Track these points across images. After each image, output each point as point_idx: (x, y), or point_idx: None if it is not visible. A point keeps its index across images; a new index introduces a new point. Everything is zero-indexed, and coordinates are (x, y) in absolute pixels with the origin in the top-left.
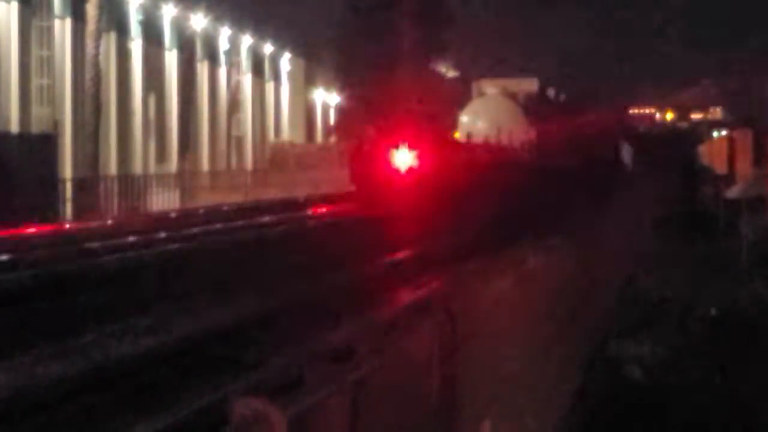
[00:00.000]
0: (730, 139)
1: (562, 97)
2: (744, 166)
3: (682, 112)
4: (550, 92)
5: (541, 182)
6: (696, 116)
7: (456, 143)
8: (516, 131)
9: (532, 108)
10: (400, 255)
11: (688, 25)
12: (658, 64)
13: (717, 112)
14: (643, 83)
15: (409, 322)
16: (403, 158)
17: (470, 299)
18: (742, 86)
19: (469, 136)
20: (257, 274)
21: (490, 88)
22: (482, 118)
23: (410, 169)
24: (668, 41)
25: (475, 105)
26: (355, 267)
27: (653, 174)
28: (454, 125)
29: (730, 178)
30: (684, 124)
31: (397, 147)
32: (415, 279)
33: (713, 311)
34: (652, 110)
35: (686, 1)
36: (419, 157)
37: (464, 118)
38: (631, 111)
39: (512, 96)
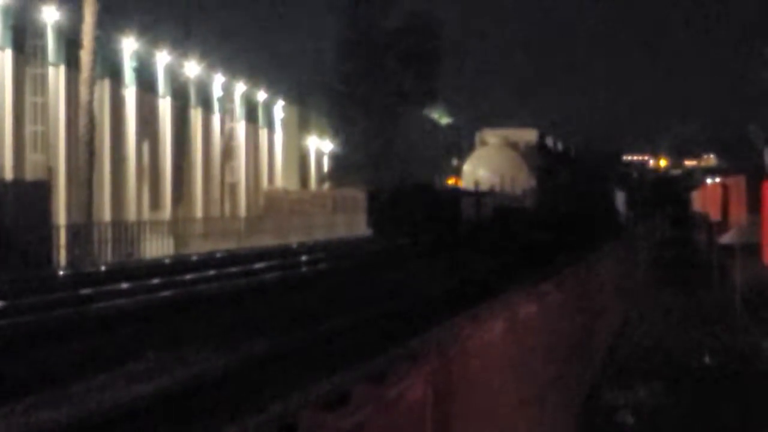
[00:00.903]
0: (723, 186)
1: (560, 146)
2: (737, 212)
3: (676, 159)
4: (549, 141)
5: (541, 228)
6: (690, 163)
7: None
8: (518, 179)
9: (533, 157)
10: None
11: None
12: (652, 111)
13: (710, 159)
14: (637, 131)
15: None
16: None
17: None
18: (735, 134)
19: (475, 183)
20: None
21: (492, 137)
22: (486, 167)
23: None
24: (664, 89)
25: (478, 154)
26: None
27: (646, 220)
28: (448, 171)
29: (723, 225)
30: (677, 171)
31: None
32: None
33: (707, 359)
34: (646, 157)
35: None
36: None
37: (468, 167)
38: (625, 158)
39: (513, 145)
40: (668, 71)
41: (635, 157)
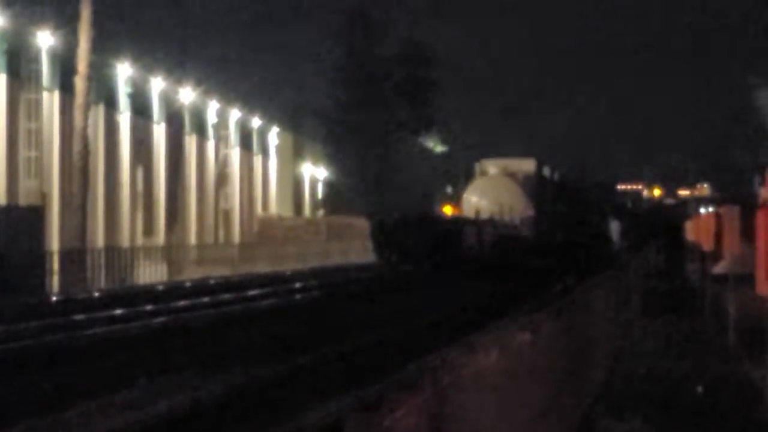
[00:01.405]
0: (717, 216)
1: (557, 175)
2: (731, 242)
3: (670, 189)
4: (546, 171)
5: (539, 256)
6: (683, 192)
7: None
8: (517, 208)
9: (531, 187)
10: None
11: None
12: (647, 141)
13: (704, 189)
14: (631, 160)
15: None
16: None
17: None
18: (729, 164)
19: (476, 212)
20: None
21: (492, 167)
22: (486, 197)
23: None
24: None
25: (478, 183)
26: None
27: (640, 249)
28: (443, 198)
29: (716, 255)
30: (671, 201)
31: None
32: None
33: (699, 389)
34: (640, 187)
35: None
36: None
37: (468, 196)
38: (619, 187)
39: (512, 175)
40: (663, 101)
41: (629, 187)
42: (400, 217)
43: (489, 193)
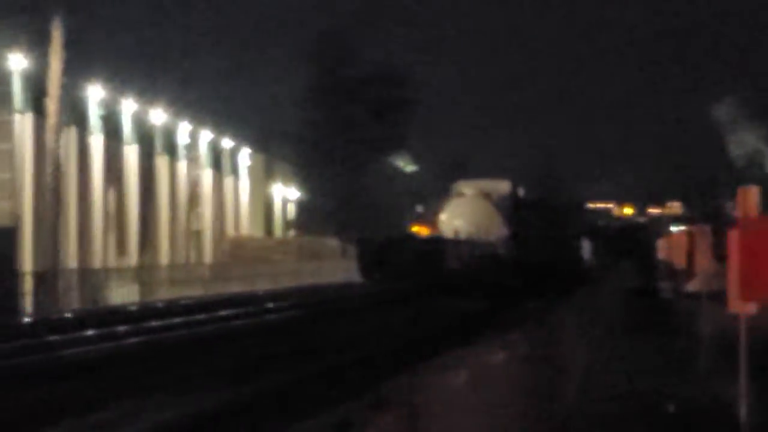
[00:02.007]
0: (688, 234)
1: (530, 195)
2: (703, 261)
3: (641, 207)
4: (521, 191)
5: (514, 275)
6: (655, 211)
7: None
8: (492, 228)
9: (506, 207)
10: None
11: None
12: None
13: (676, 207)
14: (602, 178)
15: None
16: None
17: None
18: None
19: (455, 233)
20: None
21: (468, 189)
22: (462, 217)
23: None
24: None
25: (454, 204)
26: None
27: (612, 269)
28: (413, 218)
29: (688, 273)
30: (642, 219)
31: None
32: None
33: (671, 408)
34: (611, 205)
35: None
36: None
37: (445, 216)
38: (589, 205)
39: (488, 196)
40: (633, 118)
41: (600, 205)
42: (385, 238)
43: (465, 214)
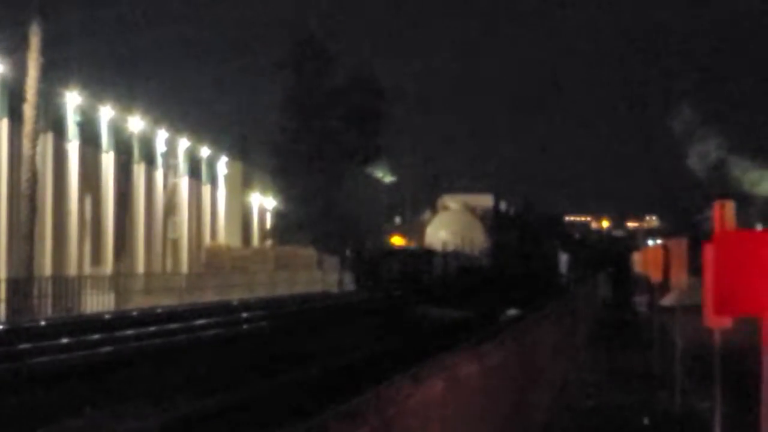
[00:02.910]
0: (665, 248)
1: (512, 209)
2: (679, 274)
3: (618, 220)
4: (502, 206)
5: (495, 285)
6: (632, 224)
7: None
8: (475, 241)
9: (489, 221)
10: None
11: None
12: (595, 172)
13: (653, 221)
14: (579, 191)
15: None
16: None
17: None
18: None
19: (444, 245)
20: None
21: (452, 203)
22: (447, 230)
23: None
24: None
25: (440, 218)
26: None
27: (588, 281)
28: (391, 229)
29: (664, 286)
30: (620, 232)
31: None
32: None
33: (646, 421)
34: (588, 218)
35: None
36: None
37: (431, 229)
38: (567, 218)
39: (472, 210)
40: (610, 133)
41: (578, 218)
42: (378, 250)
43: (450, 227)
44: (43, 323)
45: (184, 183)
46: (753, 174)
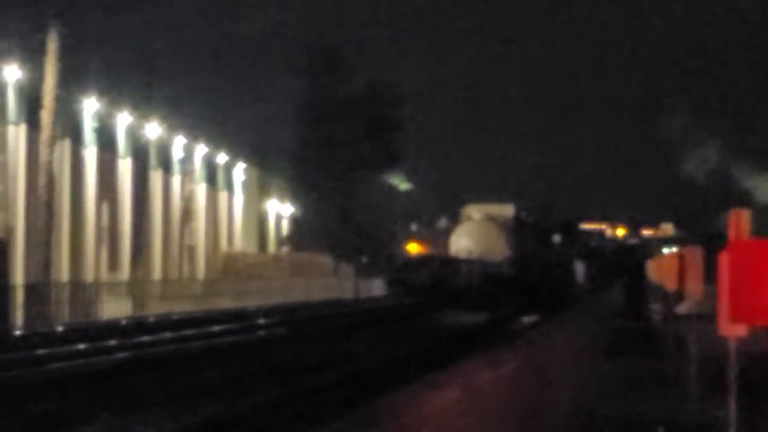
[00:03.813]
0: (680, 256)
1: (531, 218)
2: (694, 283)
3: (633, 229)
4: (523, 215)
5: (516, 292)
6: (647, 232)
7: None
8: (498, 249)
9: (510, 230)
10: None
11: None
12: (611, 180)
13: (668, 229)
14: (595, 199)
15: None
16: None
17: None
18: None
19: (469, 253)
20: None
21: (476, 213)
22: (471, 239)
23: None
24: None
25: (464, 227)
26: None
27: (604, 289)
28: (408, 236)
29: (679, 295)
30: (635, 240)
31: None
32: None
33: (660, 429)
34: (603, 226)
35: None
36: None
37: (456, 238)
38: (583, 227)
39: (494, 220)
40: (627, 140)
41: (593, 226)
42: (408, 258)
43: (474, 236)
44: (60, 329)
45: (200, 189)
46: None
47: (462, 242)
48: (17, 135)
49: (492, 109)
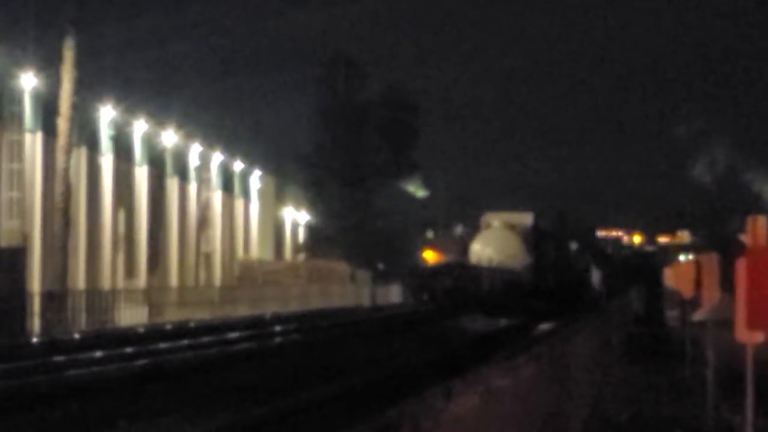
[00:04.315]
0: (696, 263)
1: (549, 226)
2: (710, 289)
3: (650, 235)
4: (542, 224)
5: (535, 298)
6: (663, 239)
7: None
8: (518, 257)
9: (529, 238)
10: None
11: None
12: (627, 187)
13: (684, 236)
14: (612, 206)
15: None
16: None
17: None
18: (707, 210)
19: (489, 261)
20: None
21: (495, 221)
22: (491, 247)
23: None
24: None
25: (484, 235)
26: None
27: (620, 295)
28: (424, 243)
29: (696, 301)
30: (651, 247)
31: None
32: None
33: None
34: (620, 233)
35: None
36: None
37: (476, 246)
38: (599, 233)
39: (513, 228)
40: (645, 147)
41: (610, 233)
42: (432, 266)
43: (494, 244)
44: (77, 336)
45: (217, 197)
46: None
47: (482, 250)
48: (34, 143)
49: (509, 117)
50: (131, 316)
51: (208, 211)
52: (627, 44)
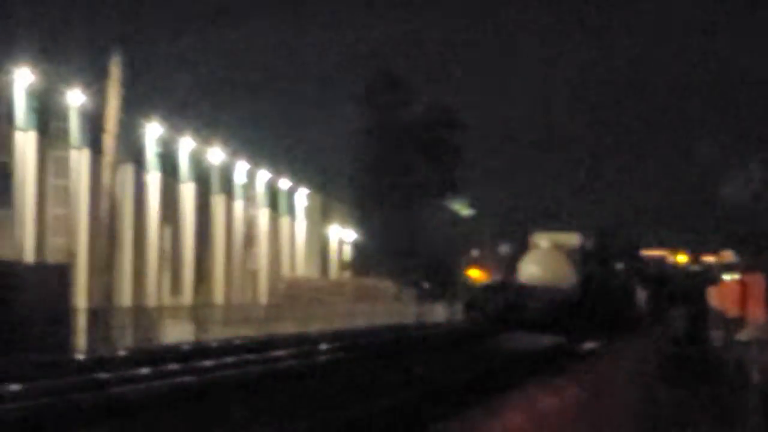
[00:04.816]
0: (741, 283)
1: (595, 246)
2: (755, 309)
3: (694, 255)
4: (587, 243)
5: (583, 317)
6: (708, 259)
7: None
8: (565, 276)
9: (576, 258)
10: None
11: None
12: (670, 207)
13: (729, 256)
14: (656, 225)
15: None
16: None
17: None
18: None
19: (538, 280)
20: None
21: (543, 241)
22: (539, 267)
23: None
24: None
25: (532, 256)
26: None
27: (664, 315)
28: (468, 262)
29: (741, 321)
30: (696, 267)
31: None
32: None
33: None
34: (664, 253)
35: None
36: None
37: (525, 265)
38: (643, 253)
39: (560, 248)
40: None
41: (654, 253)
42: (485, 285)
43: (541, 264)
44: (122, 353)
45: (263, 214)
46: None
47: (531, 269)
48: (80, 159)
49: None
50: (176, 333)
51: (254, 228)
52: (656, 68)
